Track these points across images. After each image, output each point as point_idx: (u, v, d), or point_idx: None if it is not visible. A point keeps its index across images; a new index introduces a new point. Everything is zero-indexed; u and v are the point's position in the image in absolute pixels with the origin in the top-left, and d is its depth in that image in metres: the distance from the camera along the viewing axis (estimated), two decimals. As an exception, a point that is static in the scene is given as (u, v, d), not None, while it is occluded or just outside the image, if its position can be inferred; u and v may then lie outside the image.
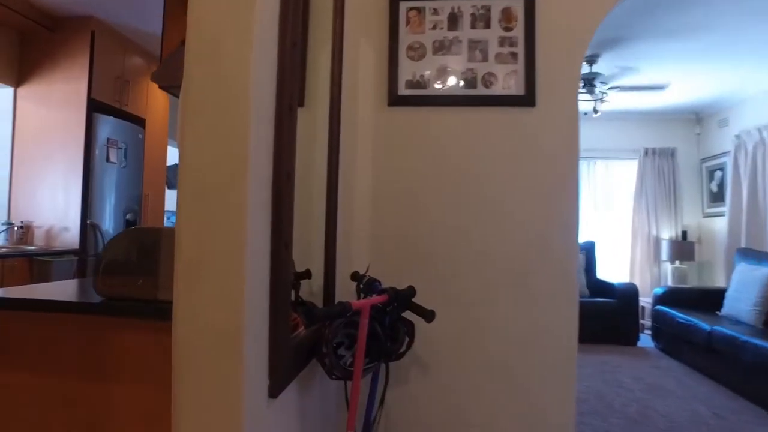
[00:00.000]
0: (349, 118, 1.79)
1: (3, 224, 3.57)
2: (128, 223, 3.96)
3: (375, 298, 1.35)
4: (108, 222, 3.75)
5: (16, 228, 3.55)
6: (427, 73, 1.85)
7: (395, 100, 1.85)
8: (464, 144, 1.82)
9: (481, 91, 1.82)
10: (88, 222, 3.54)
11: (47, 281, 3.14)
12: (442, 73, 1.84)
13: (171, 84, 1.46)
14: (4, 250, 3.16)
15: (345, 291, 1.73)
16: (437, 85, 1.84)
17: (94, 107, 3.63)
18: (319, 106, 1.65)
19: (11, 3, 3.27)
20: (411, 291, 1.45)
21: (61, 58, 3.60)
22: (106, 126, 3.71)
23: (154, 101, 4.34)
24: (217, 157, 1.01)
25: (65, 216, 3.54)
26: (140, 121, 4.15)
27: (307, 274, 1.53)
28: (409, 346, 1.54)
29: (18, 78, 3.65)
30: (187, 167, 1.02)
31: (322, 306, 1.59)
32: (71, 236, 3.52)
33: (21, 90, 3.65)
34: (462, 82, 1.83)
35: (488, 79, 1.82)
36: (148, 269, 1.26)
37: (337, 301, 1.66)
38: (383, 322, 1.43)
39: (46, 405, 1.29)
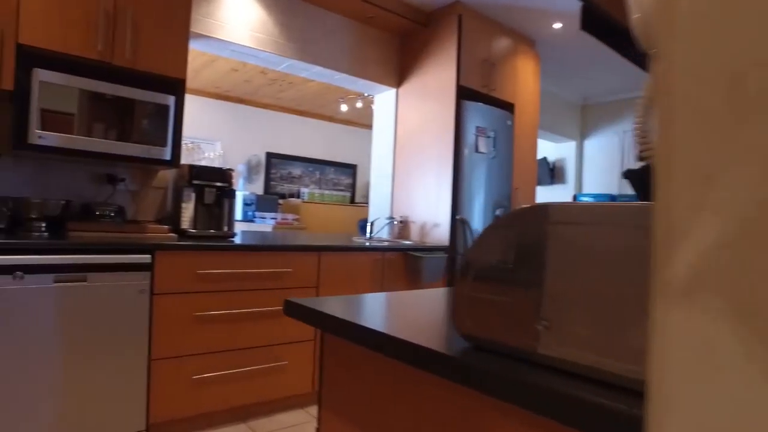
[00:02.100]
0: None
1: (386, 219, 3.75)
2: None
3: None
4: (477, 218, 3.49)
5: (395, 223, 3.68)
6: None
7: None
8: None
9: None
10: (456, 217, 3.35)
11: (418, 277, 3.04)
12: None
13: None
14: (385, 243, 3.24)
15: None
16: None
17: (462, 94, 3.43)
18: None
19: (395, 8, 3.39)
20: None
21: (433, 51, 3.54)
22: (475, 113, 3.45)
23: (524, 85, 3.90)
24: None
25: (436, 211, 3.44)
26: (509, 107, 3.78)
27: None
28: None
29: (399, 78, 3.80)
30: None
31: None
32: (441, 232, 3.39)
33: (401, 90, 3.79)
34: None
35: None
36: (576, 293, 0.61)
37: None
38: None
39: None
